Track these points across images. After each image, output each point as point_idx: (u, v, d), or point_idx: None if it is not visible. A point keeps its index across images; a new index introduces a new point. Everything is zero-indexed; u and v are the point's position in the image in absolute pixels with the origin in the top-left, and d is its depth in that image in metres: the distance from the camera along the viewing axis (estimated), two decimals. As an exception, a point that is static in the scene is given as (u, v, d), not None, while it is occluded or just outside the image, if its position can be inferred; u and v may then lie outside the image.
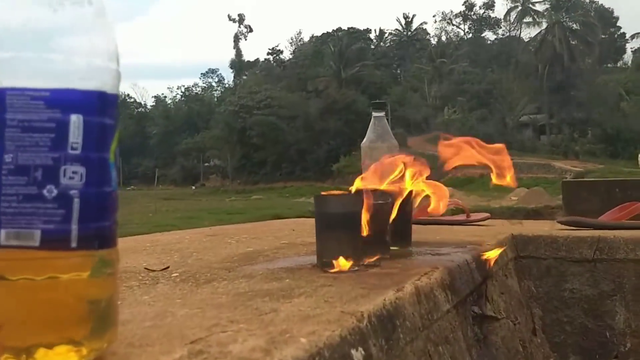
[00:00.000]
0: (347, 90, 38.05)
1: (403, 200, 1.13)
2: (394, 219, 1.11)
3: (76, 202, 0.45)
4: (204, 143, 44.17)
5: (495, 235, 1.49)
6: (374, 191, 1.09)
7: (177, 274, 0.92)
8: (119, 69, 0.49)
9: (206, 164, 47.51)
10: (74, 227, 0.45)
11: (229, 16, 51.96)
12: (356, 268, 0.95)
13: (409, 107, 35.19)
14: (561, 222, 1.67)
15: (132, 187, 46.63)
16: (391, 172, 1.17)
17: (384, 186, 1.09)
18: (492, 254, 1.20)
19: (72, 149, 0.45)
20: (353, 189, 1.09)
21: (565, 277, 1.47)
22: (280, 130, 37.27)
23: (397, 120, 34.20)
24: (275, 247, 1.28)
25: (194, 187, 42.10)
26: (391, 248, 1.19)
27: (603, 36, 35.71)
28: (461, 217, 1.99)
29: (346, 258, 0.94)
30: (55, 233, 0.44)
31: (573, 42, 33.55)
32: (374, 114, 1.66)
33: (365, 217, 1.00)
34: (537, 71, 33.86)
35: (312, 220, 1.00)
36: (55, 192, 0.44)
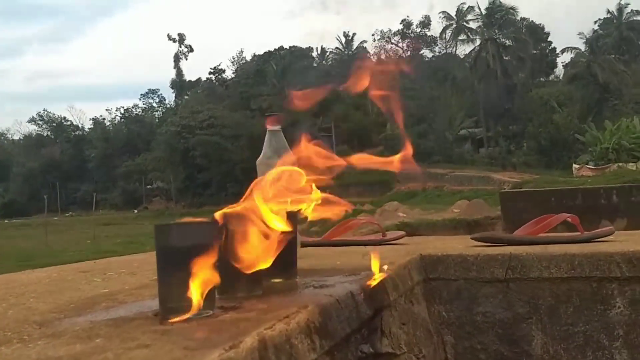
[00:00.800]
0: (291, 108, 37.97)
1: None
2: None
3: None
4: (145, 165, 43.15)
5: (404, 256, 1.34)
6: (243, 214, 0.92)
7: (-31, 333, 0.72)
8: None
9: (148, 187, 46.37)
10: None
11: (168, 36, 51.18)
12: (209, 312, 0.77)
13: (352, 124, 35.47)
14: (474, 239, 1.55)
15: (70, 213, 44.95)
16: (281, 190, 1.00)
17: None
18: (377, 280, 1.05)
19: None
20: (218, 215, 0.92)
21: (477, 299, 1.34)
22: (225, 149, 36.81)
23: (340, 136, 34.37)
24: (139, 285, 1.09)
25: (136, 211, 40.92)
26: (274, 280, 1.02)
27: (535, 51, 37.09)
28: (376, 236, 1.86)
29: (190, 302, 0.77)
30: None
31: (506, 58, 34.69)
32: (269, 127, 1.51)
33: (234, 247, 0.83)
34: (473, 86, 34.80)
35: None
36: None
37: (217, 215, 0.88)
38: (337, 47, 46.92)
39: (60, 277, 1.31)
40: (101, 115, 55.46)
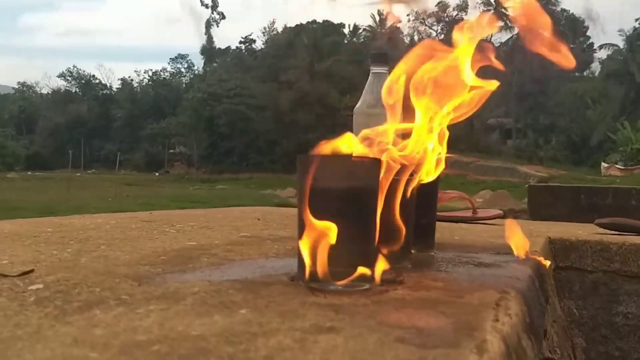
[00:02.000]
0: (319, 83, 37.65)
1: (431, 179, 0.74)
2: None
3: None
4: (169, 129, 43.23)
5: (528, 237, 1.11)
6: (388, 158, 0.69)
7: (41, 285, 0.50)
8: None
9: (171, 151, 46.51)
10: None
11: (201, 1, 50.78)
12: (367, 286, 0.55)
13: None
14: (600, 225, 1.30)
15: (92, 170, 45.30)
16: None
17: (405, 151, 0.69)
18: (546, 266, 0.82)
19: None
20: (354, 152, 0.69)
21: (617, 297, 1.10)
22: (250, 120, 36.64)
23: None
24: (230, 241, 0.87)
25: (157, 174, 41.08)
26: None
27: (572, 45, 36.00)
28: (466, 213, 1.62)
29: (353, 268, 0.54)
30: None
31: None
32: (373, 69, 1.25)
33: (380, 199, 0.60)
34: (506, 75, 33.99)
35: (283, 209, 0.61)
36: None
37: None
38: (369, 25, 46.16)
39: (122, 225, 1.10)
40: (129, 76, 55.54)
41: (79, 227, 1.03)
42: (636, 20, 37.66)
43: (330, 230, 0.53)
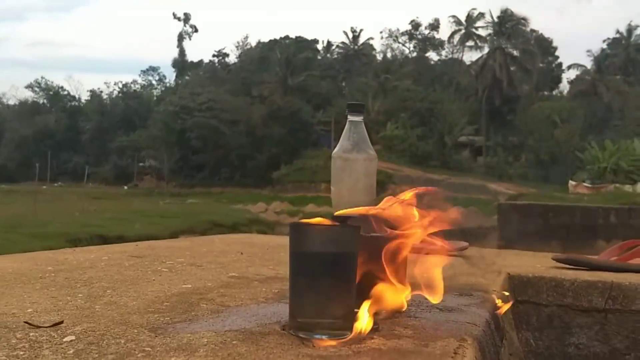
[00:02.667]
0: (292, 98, 37.83)
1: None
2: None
3: None
4: (140, 142, 42.80)
5: (491, 274, 1.22)
6: (366, 217, 0.80)
7: (74, 337, 0.59)
8: None
9: (141, 164, 46.02)
10: None
11: (174, 14, 50.73)
12: (347, 334, 0.65)
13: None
14: (557, 260, 1.43)
15: (59, 183, 44.53)
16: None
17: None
18: (505, 308, 0.93)
19: None
20: (338, 214, 0.80)
21: (570, 329, 1.22)
22: (222, 134, 36.55)
23: (339, 132, 34.13)
24: (222, 283, 0.96)
25: (126, 187, 40.59)
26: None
27: (541, 64, 36.98)
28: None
29: (335, 320, 0.65)
30: None
31: (512, 68, 34.58)
32: (350, 117, 1.36)
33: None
34: (476, 94, 34.69)
35: (261, 238, 0.71)
36: None
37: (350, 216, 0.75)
38: (343, 42, 46.67)
39: (115, 262, 1.18)
40: (99, 88, 55.01)
41: (76, 266, 1.11)
42: (603, 41, 38.97)
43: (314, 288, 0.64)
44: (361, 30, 45.50)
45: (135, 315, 0.69)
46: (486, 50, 35.72)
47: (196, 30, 51.13)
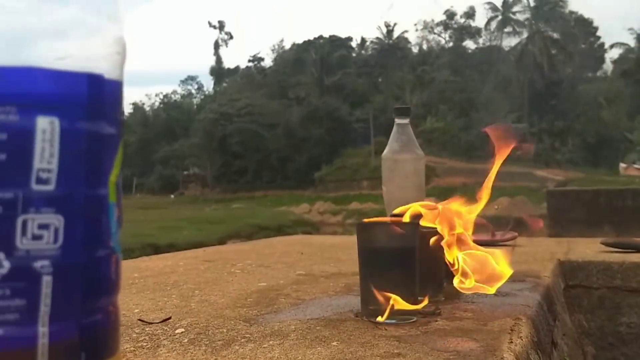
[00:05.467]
0: (328, 98, 37.95)
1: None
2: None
3: (46, 283, 0.23)
4: (183, 151, 43.69)
5: (542, 261, 1.29)
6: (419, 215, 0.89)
7: (183, 329, 0.70)
8: (124, 43, 0.28)
9: (185, 172, 46.95)
10: (43, 330, 0.23)
11: (209, 23, 51.55)
12: (414, 319, 0.74)
13: (391, 116, 35.11)
14: (606, 244, 1.48)
15: (110, 195, 45.77)
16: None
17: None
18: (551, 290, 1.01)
19: (40, 181, 0.24)
20: (405, 215, 0.89)
21: (621, 309, 1.28)
22: (261, 138, 37.00)
23: (379, 128, 34.12)
24: (292, 280, 1.07)
25: (172, 196, 41.51)
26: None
27: (583, 46, 36.07)
28: (484, 236, 1.80)
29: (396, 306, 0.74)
30: (8, 342, 0.23)
31: (553, 52, 33.82)
32: (397, 120, 1.46)
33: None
34: (517, 80, 34.08)
35: (316, 238, 0.80)
36: (6, 266, 0.23)
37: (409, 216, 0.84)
38: (377, 37, 46.52)
39: (192, 266, 1.30)
40: (141, 101, 56.27)
41: (158, 271, 1.23)
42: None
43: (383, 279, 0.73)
44: (395, 24, 45.23)
45: (228, 310, 0.80)
46: (525, 35, 35.03)
47: (231, 37, 51.83)
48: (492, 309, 0.80)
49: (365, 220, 0.81)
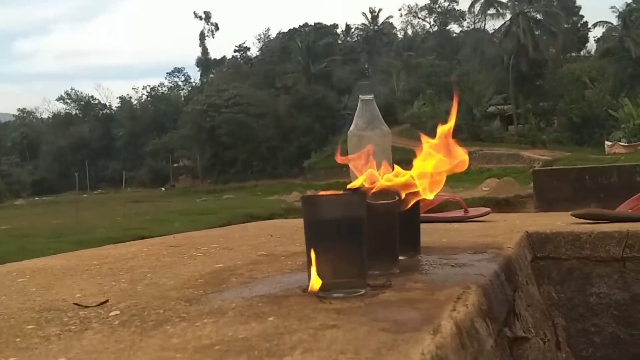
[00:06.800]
0: (316, 86, 37.83)
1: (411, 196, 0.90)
2: (404, 222, 0.89)
3: None
4: (172, 143, 43.51)
5: (508, 234, 1.27)
6: (376, 188, 0.86)
7: (118, 312, 0.67)
8: None
9: (175, 165, 46.80)
10: None
11: (194, 13, 51.32)
12: (362, 291, 0.72)
13: (378, 102, 35.11)
14: (577, 216, 1.46)
15: (99, 190, 45.65)
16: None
17: (384, 180, 0.85)
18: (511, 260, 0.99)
19: None
20: (351, 186, 0.86)
21: (590, 279, 1.26)
22: (250, 128, 36.88)
23: (367, 114, 33.92)
24: (251, 260, 1.04)
25: (163, 189, 41.40)
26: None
27: (566, 25, 36.09)
28: (458, 212, 1.78)
29: (349, 279, 0.71)
30: None
31: (537, 32, 33.81)
32: (362, 97, 1.43)
33: (368, 221, 0.77)
34: (502, 62, 34.08)
35: (292, 222, 0.78)
36: None
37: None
38: (362, 23, 46.35)
39: (154, 252, 1.27)
40: (128, 94, 55.90)
41: (119, 258, 1.20)
42: (627, -4, 37.74)
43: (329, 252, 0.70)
44: (380, 9, 45.05)
45: (173, 291, 0.77)
46: (508, 16, 34.98)
47: (217, 28, 51.50)
48: (444, 279, 0.77)
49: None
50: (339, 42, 46.24)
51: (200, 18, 50.64)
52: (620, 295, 1.24)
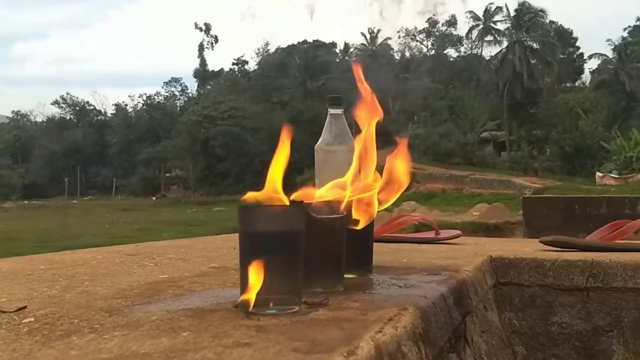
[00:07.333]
0: (312, 102, 37.94)
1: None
2: (350, 239, 0.86)
3: None
4: (165, 153, 43.40)
5: (471, 257, 1.24)
6: (322, 203, 0.83)
7: (33, 319, 0.64)
8: None
9: (167, 175, 46.63)
10: None
11: (195, 24, 51.41)
12: (296, 308, 0.68)
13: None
14: (545, 242, 1.44)
15: (89, 197, 45.37)
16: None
17: (331, 195, 0.83)
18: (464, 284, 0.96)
19: None
20: (293, 198, 0.83)
21: (552, 308, 1.23)
22: (245, 141, 36.87)
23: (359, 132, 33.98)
24: (199, 272, 1.01)
25: (154, 198, 41.19)
26: (347, 276, 0.93)
27: (562, 56, 36.45)
28: (429, 234, 1.76)
29: (282, 295, 0.68)
30: None
31: (533, 61, 34.13)
32: (331, 110, 1.41)
33: (311, 237, 0.74)
34: (497, 89, 34.33)
35: None
36: None
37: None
38: (361, 43, 46.63)
39: (108, 260, 1.23)
40: (124, 102, 55.84)
41: (68, 264, 1.17)
42: (624, 29, 38.24)
43: (262, 266, 0.67)
44: (379, 30, 45.30)
45: (101, 301, 0.74)
46: (505, 44, 35.35)
47: (217, 40, 51.66)
48: (385, 299, 0.74)
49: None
50: (337, 60, 46.50)
51: (201, 29, 50.82)
52: (582, 326, 1.21)
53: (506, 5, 36.23)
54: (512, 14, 35.38)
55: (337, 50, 47.86)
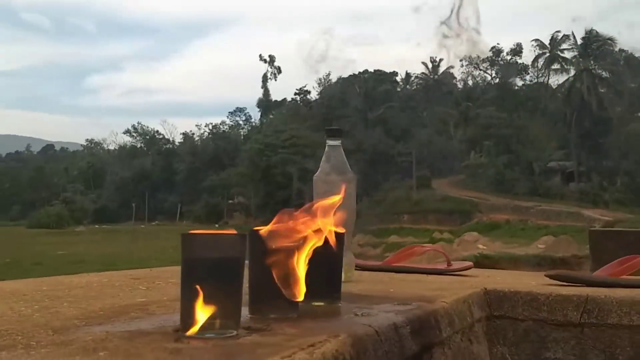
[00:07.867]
0: (372, 131, 38.03)
1: (329, 241, 0.90)
2: (318, 266, 0.88)
3: None
4: (229, 180, 44.45)
5: (463, 289, 1.23)
6: (283, 229, 0.86)
7: (-15, 335, 0.69)
8: None
9: (230, 201, 47.66)
10: None
11: (260, 56, 52.94)
12: (234, 333, 0.71)
13: (435, 150, 34.93)
14: (549, 276, 1.40)
15: (156, 222, 46.93)
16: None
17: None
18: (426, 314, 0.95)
19: None
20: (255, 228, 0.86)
21: (546, 343, 1.20)
22: (305, 169, 37.30)
23: (422, 162, 33.84)
24: (176, 297, 1.04)
25: (217, 225, 42.11)
26: (315, 304, 0.94)
27: (632, 85, 35.11)
28: (441, 265, 1.74)
29: (222, 320, 0.71)
30: None
31: (602, 90, 33.03)
32: (329, 142, 1.45)
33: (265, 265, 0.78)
34: (565, 118, 33.33)
35: None
36: None
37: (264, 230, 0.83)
38: (422, 72, 46.56)
39: (109, 283, 1.29)
40: (191, 131, 57.87)
41: (71, 286, 1.23)
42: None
43: (201, 291, 0.70)
44: (441, 59, 45.09)
45: (59, 321, 0.79)
46: (572, 72, 34.37)
47: (280, 71, 52.92)
48: (325, 326, 0.76)
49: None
50: (398, 89, 46.53)
51: (265, 61, 52.27)
52: (577, 364, 1.17)
53: (573, 34, 35.40)
54: (580, 42, 34.47)
55: (399, 79, 47.92)
